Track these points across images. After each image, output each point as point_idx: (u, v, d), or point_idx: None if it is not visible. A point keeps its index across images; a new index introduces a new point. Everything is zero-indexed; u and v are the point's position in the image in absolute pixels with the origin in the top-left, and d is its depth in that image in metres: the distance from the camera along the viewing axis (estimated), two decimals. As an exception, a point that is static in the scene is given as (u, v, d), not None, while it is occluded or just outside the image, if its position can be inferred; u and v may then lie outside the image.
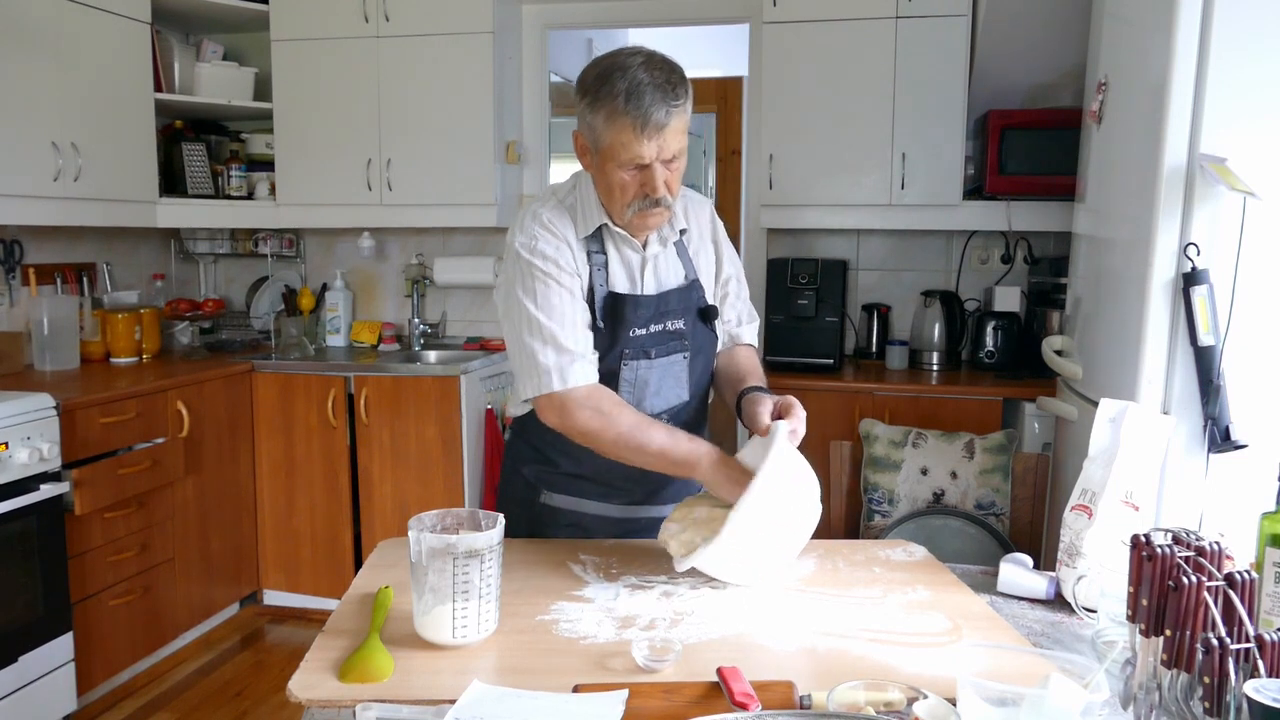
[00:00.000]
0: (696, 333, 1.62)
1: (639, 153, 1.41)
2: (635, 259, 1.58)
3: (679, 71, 1.44)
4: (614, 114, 1.40)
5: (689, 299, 1.61)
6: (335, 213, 3.83)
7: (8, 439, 2.53)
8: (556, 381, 1.47)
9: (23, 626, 2.59)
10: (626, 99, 1.38)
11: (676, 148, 1.44)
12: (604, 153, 1.45)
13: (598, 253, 1.55)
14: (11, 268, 3.31)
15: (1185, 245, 1.92)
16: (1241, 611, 0.88)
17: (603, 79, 1.41)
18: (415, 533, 1.18)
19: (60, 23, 3.11)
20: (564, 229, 1.53)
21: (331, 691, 1.09)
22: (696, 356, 1.63)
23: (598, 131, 1.44)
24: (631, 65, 1.40)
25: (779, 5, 3.41)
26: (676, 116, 1.41)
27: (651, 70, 1.40)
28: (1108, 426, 1.42)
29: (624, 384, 1.57)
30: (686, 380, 1.62)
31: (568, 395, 1.48)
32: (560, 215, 1.55)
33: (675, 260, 1.63)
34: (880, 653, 1.19)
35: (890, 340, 3.59)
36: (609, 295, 1.55)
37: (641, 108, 1.38)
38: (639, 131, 1.39)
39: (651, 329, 1.57)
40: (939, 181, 3.37)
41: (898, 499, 2.67)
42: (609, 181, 1.47)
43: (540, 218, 1.54)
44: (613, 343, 1.55)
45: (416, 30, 3.64)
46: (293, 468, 3.60)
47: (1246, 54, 1.87)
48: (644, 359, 1.57)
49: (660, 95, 1.39)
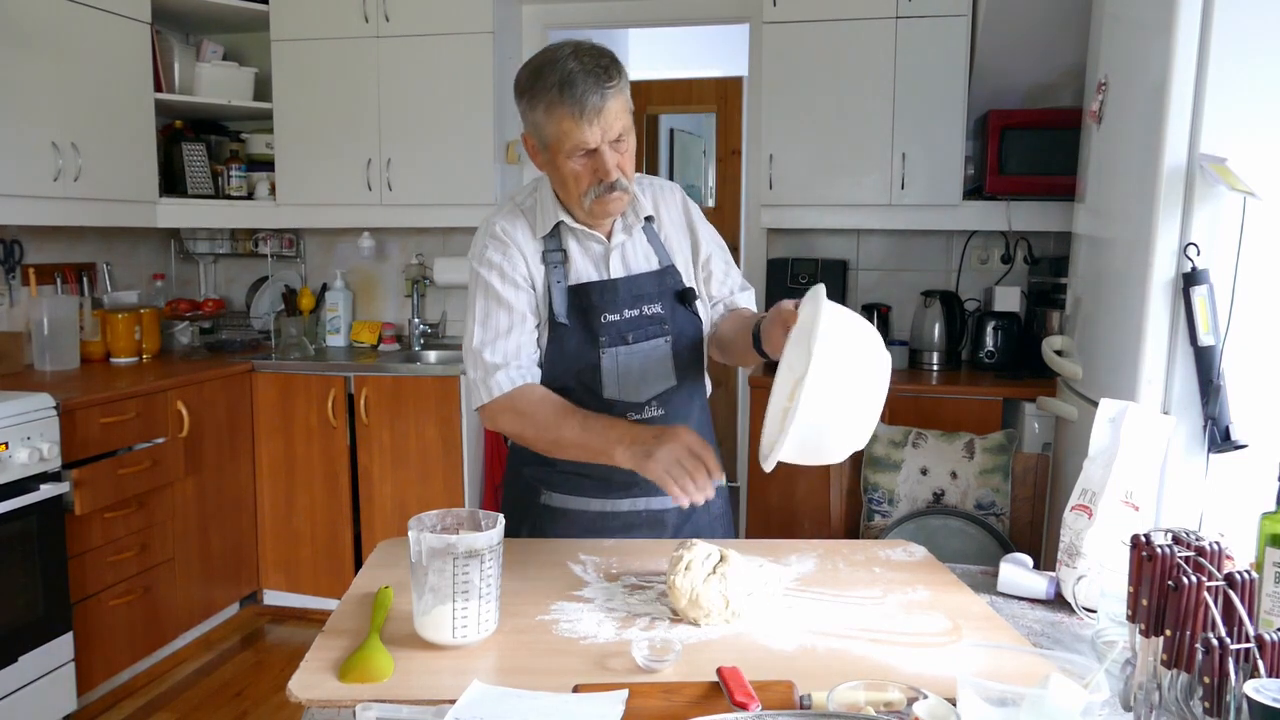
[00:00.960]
0: (676, 316, 1.62)
1: (583, 138, 1.43)
2: (599, 250, 1.60)
3: (609, 55, 1.46)
4: (552, 105, 1.43)
5: (664, 282, 1.62)
6: (335, 213, 3.83)
7: (8, 439, 2.53)
8: (483, 394, 1.54)
9: (23, 626, 2.59)
10: (561, 89, 1.41)
11: (620, 128, 1.46)
12: (551, 146, 1.47)
13: (555, 251, 1.58)
14: (11, 268, 3.31)
15: (1185, 245, 1.92)
16: (1241, 611, 0.88)
17: (535, 75, 1.45)
18: (415, 533, 1.18)
19: (60, 23, 3.11)
20: (516, 234, 1.57)
21: (331, 691, 1.09)
22: (679, 340, 1.62)
23: (541, 127, 1.47)
24: (561, 57, 1.43)
25: (779, 5, 3.41)
26: (612, 98, 1.43)
27: (580, 58, 1.43)
28: (1108, 426, 1.42)
29: (606, 374, 1.57)
30: (672, 365, 1.62)
31: (492, 404, 1.54)
32: (514, 220, 1.58)
33: (645, 247, 1.63)
34: (880, 653, 1.19)
35: (890, 340, 3.59)
36: (571, 289, 1.57)
37: (576, 95, 1.41)
38: (579, 118, 1.42)
39: (626, 314, 1.58)
40: (939, 181, 3.37)
41: (898, 499, 2.67)
42: (562, 174, 1.49)
43: (492, 228, 1.58)
44: (587, 334, 1.56)
45: (416, 30, 3.64)
46: (293, 468, 3.60)
47: (1246, 54, 1.87)
48: (622, 345, 1.57)
49: (593, 80, 1.41)
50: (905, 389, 3.20)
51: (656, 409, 1.61)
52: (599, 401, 1.58)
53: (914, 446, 2.68)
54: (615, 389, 1.58)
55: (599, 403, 1.58)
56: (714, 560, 1.30)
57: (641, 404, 1.60)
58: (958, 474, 2.62)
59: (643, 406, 1.60)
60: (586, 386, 1.59)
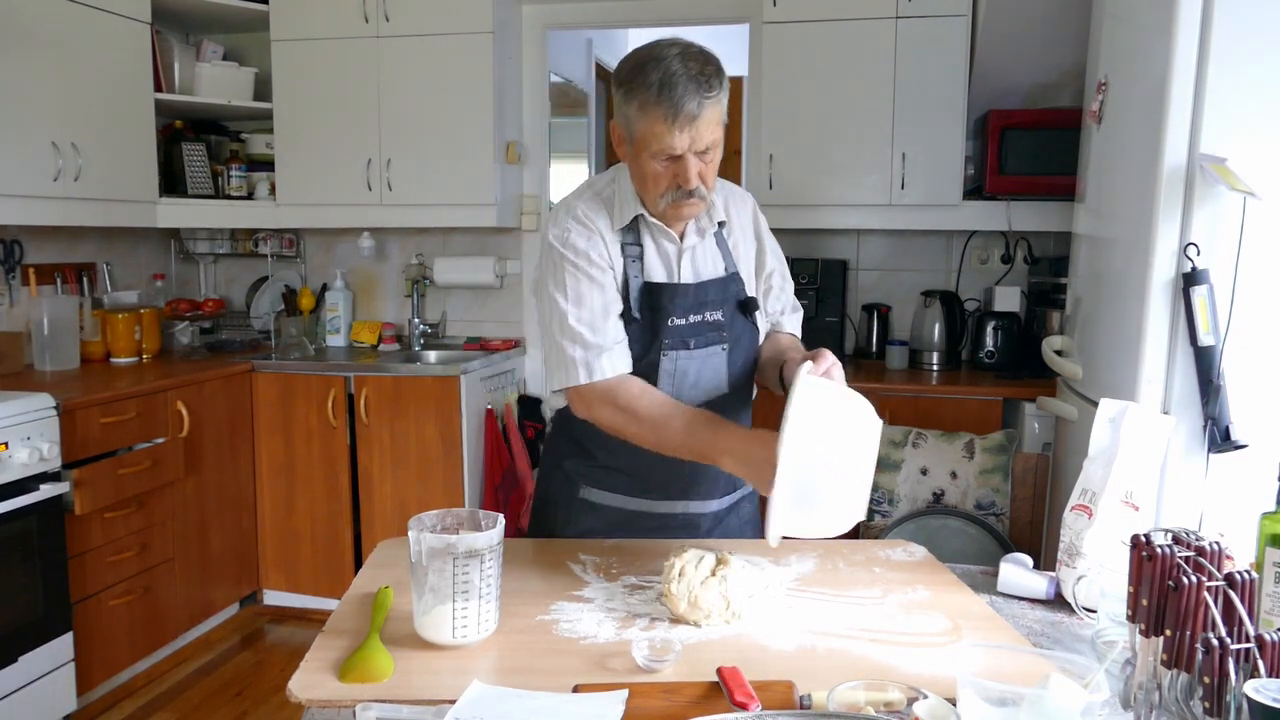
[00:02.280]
0: (735, 325, 1.61)
1: (671, 144, 1.41)
2: (672, 250, 1.58)
3: (715, 63, 1.43)
4: (646, 105, 1.40)
5: (728, 290, 1.60)
6: (335, 213, 3.83)
7: (8, 439, 2.53)
8: (583, 375, 1.49)
9: (23, 626, 2.59)
10: (659, 90, 1.38)
11: (710, 139, 1.43)
12: (638, 143, 1.45)
13: (633, 244, 1.55)
14: (11, 268, 3.31)
15: (1185, 245, 1.92)
16: (1241, 611, 0.88)
17: (637, 69, 1.42)
18: (415, 533, 1.18)
19: (60, 23, 3.11)
20: (598, 221, 1.54)
21: (331, 691, 1.09)
22: (735, 349, 1.61)
23: (631, 122, 1.44)
24: (667, 56, 1.40)
25: (779, 5, 3.41)
26: (709, 108, 1.40)
27: (686, 61, 1.40)
28: (1108, 426, 1.42)
29: (664, 375, 1.56)
30: (725, 373, 1.61)
31: (592, 389, 1.50)
32: (595, 207, 1.56)
33: (714, 252, 1.62)
34: (880, 653, 1.19)
35: (890, 340, 3.59)
36: (645, 285, 1.55)
37: (674, 99, 1.38)
38: (670, 122, 1.39)
39: (690, 319, 1.56)
40: (939, 181, 3.37)
41: (898, 499, 2.67)
42: (643, 171, 1.47)
43: (574, 211, 1.55)
44: (653, 334, 1.55)
45: (416, 30, 3.64)
46: (293, 468, 3.60)
47: (1246, 54, 1.87)
48: (683, 350, 1.56)
49: (694, 86, 1.38)
50: (905, 389, 3.20)
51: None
52: None
53: (914, 446, 2.68)
54: (670, 390, 1.56)
55: None
56: (709, 563, 1.30)
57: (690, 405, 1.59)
58: (958, 474, 2.62)
59: None
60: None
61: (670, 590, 1.27)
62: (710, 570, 1.30)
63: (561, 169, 4.53)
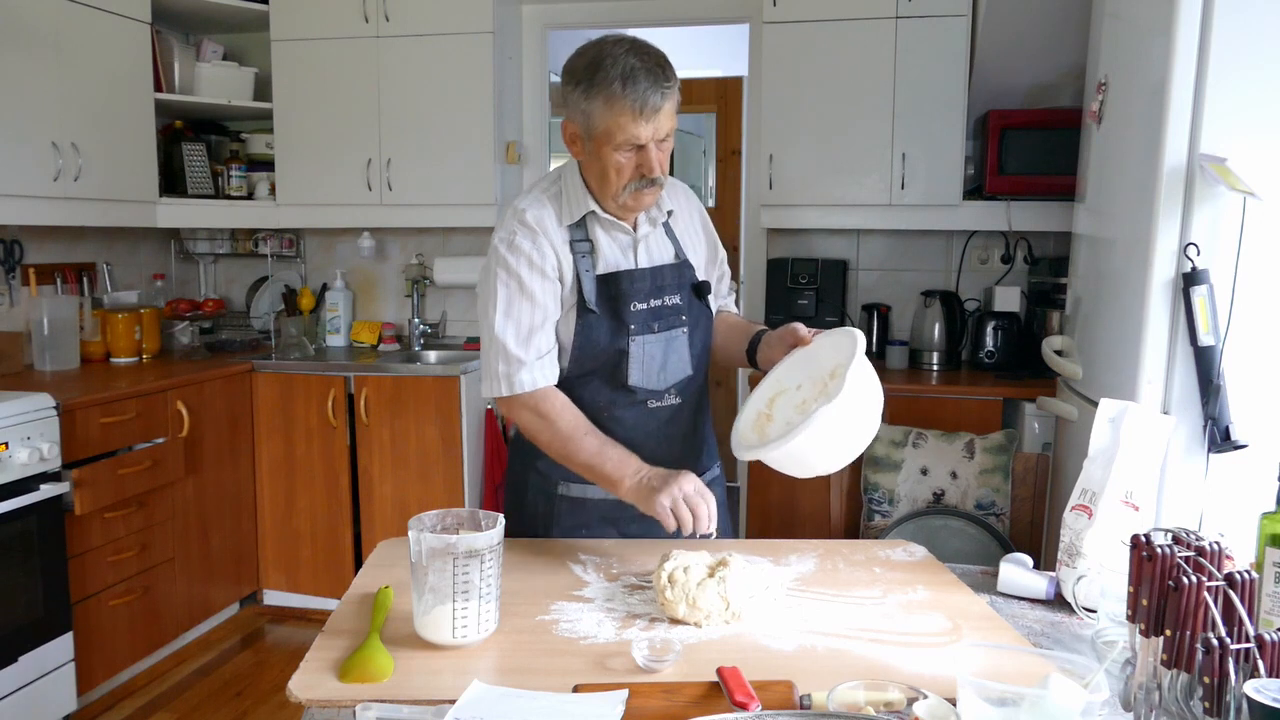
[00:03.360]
0: (692, 308, 1.67)
1: (636, 134, 1.47)
2: (626, 240, 1.63)
3: (663, 55, 1.51)
4: (612, 98, 1.45)
5: (682, 275, 1.66)
6: (335, 213, 3.83)
7: (8, 439, 2.53)
8: (504, 387, 1.57)
9: (23, 626, 2.59)
10: (623, 84, 1.44)
11: (669, 128, 1.51)
12: (599, 137, 1.50)
13: (582, 240, 1.60)
14: (11, 268, 3.31)
15: (1185, 245, 1.92)
16: (1241, 611, 0.88)
17: (595, 66, 1.47)
18: (415, 533, 1.18)
19: (60, 23, 3.11)
20: (545, 222, 1.59)
21: (331, 691, 1.09)
22: (695, 331, 1.67)
23: (593, 117, 1.49)
24: (620, 52, 1.47)
25: (779, 5, 3.41)
26: (669, 99, 1.48)
27: (641, 55, 1.47)
28: (1108, 426, 1.42)
29: (634, 361, 1.60)
30: (689, 355, 1.66)
31: (512, 399, 1.58)
32: (542, 208, 1.60)
33: (665, 240, 1.68)
34: (880, 653, 1.19)
35: (890, 340, 3.59)
36: (601, 278, 1.59)
37: (639, 92, 1.44)
38: (637, 114, 1.45)
39: (651, 303, 1.61)
40: (939, 181, 3.37)
41: (898, 499, 2.67)
42: (604, 165, 1.52)
43: (522, 215, 1.59)
44: (618, 322, 1.59)
45: (416, 30, 3.64)
46: (293, 468, 3.60)
47: (1246, 54, 1.87)
48: (649, 334, 1.60)
49: (654, 79, 1.45)
50: (905, 389, 3.20)
51: (674, 397, 1.65)
52: (622, 389, 1.61)
53: (914, 446, 2.68)
54: (640, 376, 1.61)
55: (622, 390, 1.61)
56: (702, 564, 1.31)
57: (661, 391, 1.64)
58: (958, 474, 2.62)
59: (663, 394, 1.64)
60: (611, 372, 1.61)
61: (666, 597, 1.28)
62: (708, 571, 1.30)
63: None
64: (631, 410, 1.63)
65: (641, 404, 1.63)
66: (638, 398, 1.62)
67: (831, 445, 1.37)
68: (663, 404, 1.64)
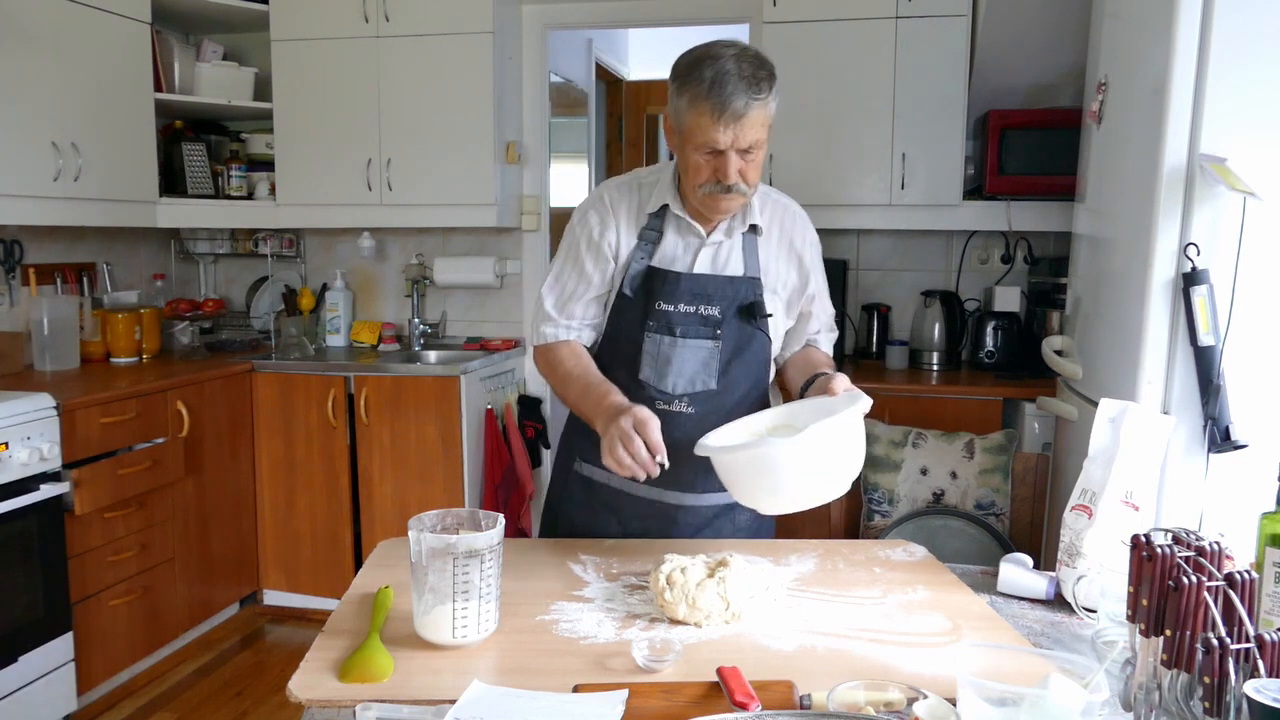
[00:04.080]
0: (732, 325, 1.63)
1: (714, 138, 1.47)
2: (695, 242, 1.64)
3: (769, 68, 1.49)
4: (696, 99, 1.47)
5: (735, 290, 1.63)
6: (335, 213, 3.83)
7: (8, 439, 2.53)
8: (533, 335, 1.73)
9: (23, 626, 2.59)
10: (710, 86, 1.45)
11: (753, 139, 1.49)
12: (684, 134, 1.53)
13: (653, 230, 1.64)
14: (11, 268, 3.31)
15: (1185, 245, 1.92)
16: (1241, 611, 0.88)
17: (693, 65, 1.49)
18: (415, 533, 1.18)
19: (60, 23, 3.11)
20: (622, 205, 1.65)
21: (331, 691, 1.09)
22: (729, 347, 1.63)
23: (680, 113, 1.52)
24: (723, 55, 1.47)
25: (779, 5, 3.41)
26: (756, 109, 1.46)
27: (740, 62, 1.46)
28: (1108, 426, 1.42)
29: (646, 356, 1.63)
30: (715, 370, 1.63)
31: (536, 347, 1.73)
32: (624, 192, 1.67)
33: (739, 253, 1.66)
34: (880, 653, 1.19)
35: (890, 340, 3.59)
36: (644, 270, 1.63)
37: (723, 95, 1.44)
38: (716, 118, 1.45)
39: (681, 308, 1.61)
40: (939, 181, 3.37)
41: (898, 499, 2.67)
42: (686, 162, 1.55)
43: (602, 193, 1.69)
44: (639, 314, 1.63)
45: (416, 30, 3.64)
46: (293, 468, 3.60)
47: (1246, 54, 1.87)
48: (667, 335, 1.62)
49: (743, 86, 1.45)
50: (905, 389, 3.20)
51: (686, 405, 1.63)
52: (633, 379, 1.63)
53: (914, 446, 2.68)
54: (650, 373, 1.63)
55: (633, 380, 1.62)
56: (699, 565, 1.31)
57: (671, 395, 1.63)
58: (958, 474, 2.62)
59: (672, 399, 1.63)
60: (627, 360, 1.65)
61: (664, 599, 1.28)
62: (708, 572, 1.30)
63: (561, 169, 4.53)
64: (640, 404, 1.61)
65: (650, 401, 1.60)
66: (646, 394, 1.62)
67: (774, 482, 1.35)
68: (670, 409, 1.61)
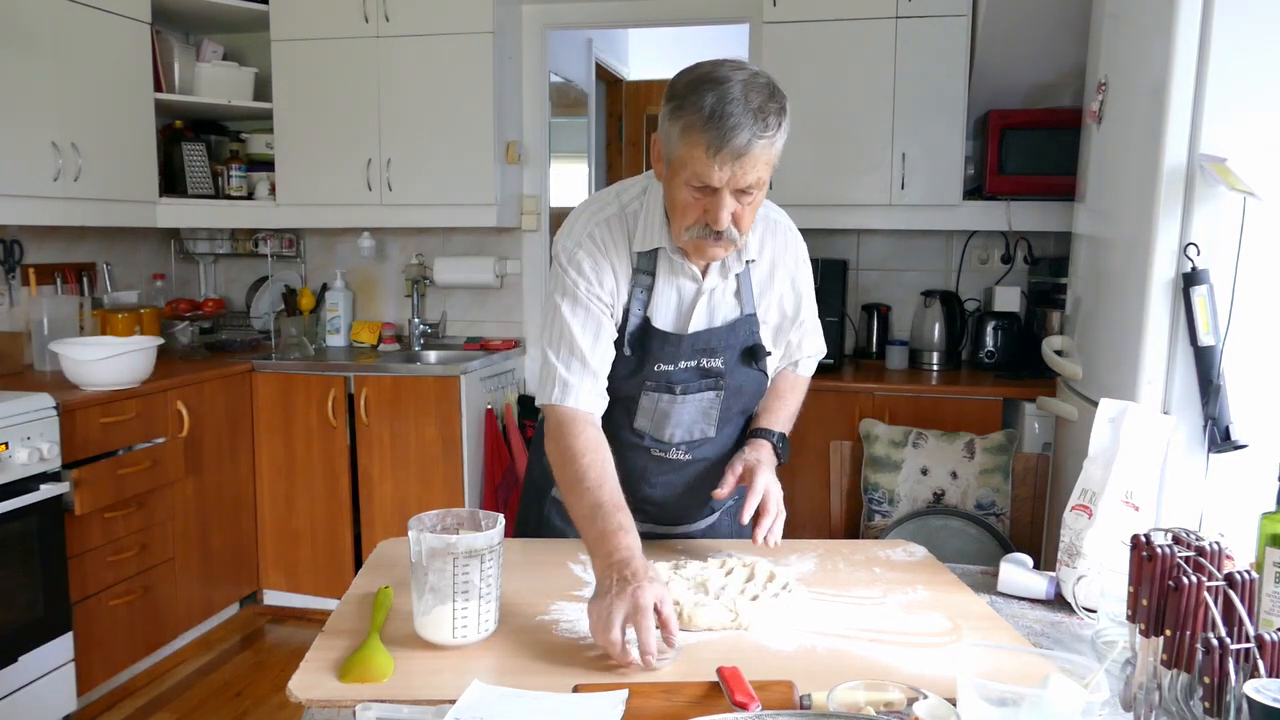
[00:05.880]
0: (735, 372, 1.52)
1: (706, 174, 1.28)
2: (689, 289, 1.48)
3: (780, 100, 1.30)
4: (691, 128, 1.27)
5: (735, 334, 1.51)
6: (335, 213, 3.83)
7: (8, 439, 2.53)
8: (545, 394, 1.45)
9: (23, 626, 2.59)
10: (710, 115, 1.25)
11: (753, 179, 1.30)
12: (674, 165, 1.33)
13: (646, 274, 1.46)
14: (11, 268, 3.31)
15: (1185, 245, 1.92)
16: (1241, 611, 0.88)
17: (693, 87, 1.29)
18: (415, 533, 1.18)
19: (60, 23, 3.11)
20: (613, 244, 1.45)
21: (331, 691, 1.09)
22: (733, 395, 1.54)
23: (672, 141, 1.32)
24: (729, 80, 1.27)
25: (779, 5, 3.41)
26: (760, 147, 1.27)
27: (749, 90, 1.26)
28: (1108, 426, 1.42)
29: (642, 410, 1.52)
30: (715, 417, 1.55)
31: (551, 410, 1.45)
32: (615, 228, 1.46)
33: (732, 295, 1.51)
34: (880, 653, 1.19)
35: (890, 340, 3.59)
36: (642, 323, 1.47)
37: (723, 129, 1.25)
38: (713, 153, 1.26)
39: (682, 365, 1.49)
40: (939, 181, 3.37)
41: (898, 499, 2.67)
42: (673, 196, 1.36)
43: (591, 229, 1.46)
44: (637, 371, 1.49)
45: (416, 30, 3.64)
46: (293, 468, 3.60)
47: (1246, 54, 1.87)
48: (666, 393, 1.50)
49: (749, 120, 1.25)
50: (905, 389, 3.20)
51: (684, 453, 1.57)
52: (629, 429, 1.54)
53: (914, 446, 2.68)
54: (647, 424, 1.54)
55: (629, 430, 1.54)
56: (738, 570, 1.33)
57: (669, 445, 1.56)
58: (958, 474, 2.62)
59: (669, 448, 1.57)
60: (624, 409, 1.52)
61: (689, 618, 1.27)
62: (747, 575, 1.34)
63: (561, 169, 4.53)
64: (635, 451, 1.56)
65: (646, 450, 1.56)
66: (644, 444, 1.56)
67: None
68: (668, 456, 1.57)
